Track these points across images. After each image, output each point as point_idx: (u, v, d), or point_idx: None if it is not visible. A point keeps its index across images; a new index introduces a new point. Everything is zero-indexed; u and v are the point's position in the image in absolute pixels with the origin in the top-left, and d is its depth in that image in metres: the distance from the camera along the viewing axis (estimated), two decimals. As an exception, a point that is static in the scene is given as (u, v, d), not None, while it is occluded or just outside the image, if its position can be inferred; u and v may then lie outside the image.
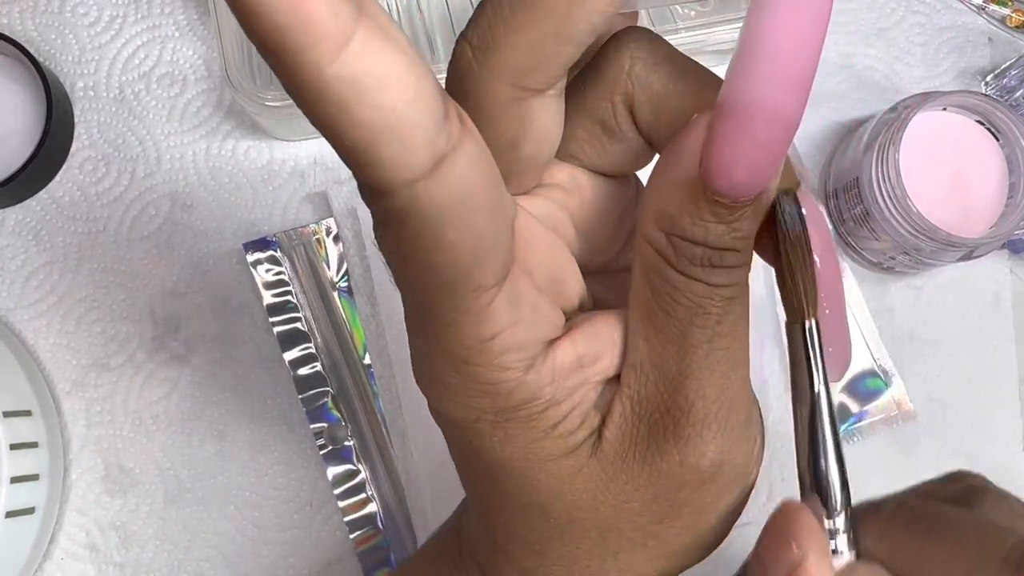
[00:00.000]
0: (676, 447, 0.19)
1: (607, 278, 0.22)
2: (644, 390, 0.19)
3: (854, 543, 0.20)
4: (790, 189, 0.18)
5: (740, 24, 0.45)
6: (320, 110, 0.14)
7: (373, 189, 0.15)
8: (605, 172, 0.21)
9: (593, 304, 0.21)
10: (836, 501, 0.19)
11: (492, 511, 0.21)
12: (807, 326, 0.19)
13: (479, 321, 0.17)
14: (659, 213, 0.18)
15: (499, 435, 0.19)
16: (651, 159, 0.20)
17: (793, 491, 0.20)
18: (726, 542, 0.22)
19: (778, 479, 0.46)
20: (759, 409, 0.21)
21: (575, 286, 0.20)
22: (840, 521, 0.19)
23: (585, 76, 0.19)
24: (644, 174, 0.21)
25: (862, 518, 0.21)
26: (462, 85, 0.17)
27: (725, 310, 0.18)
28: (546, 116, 0.18)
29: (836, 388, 0.48)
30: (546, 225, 0.20)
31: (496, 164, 0.16)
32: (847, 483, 0.19)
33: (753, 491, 0.29)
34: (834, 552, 0.19)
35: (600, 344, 0.19)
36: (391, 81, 0.13)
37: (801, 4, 0.15)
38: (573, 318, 0.20)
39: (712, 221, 0.17)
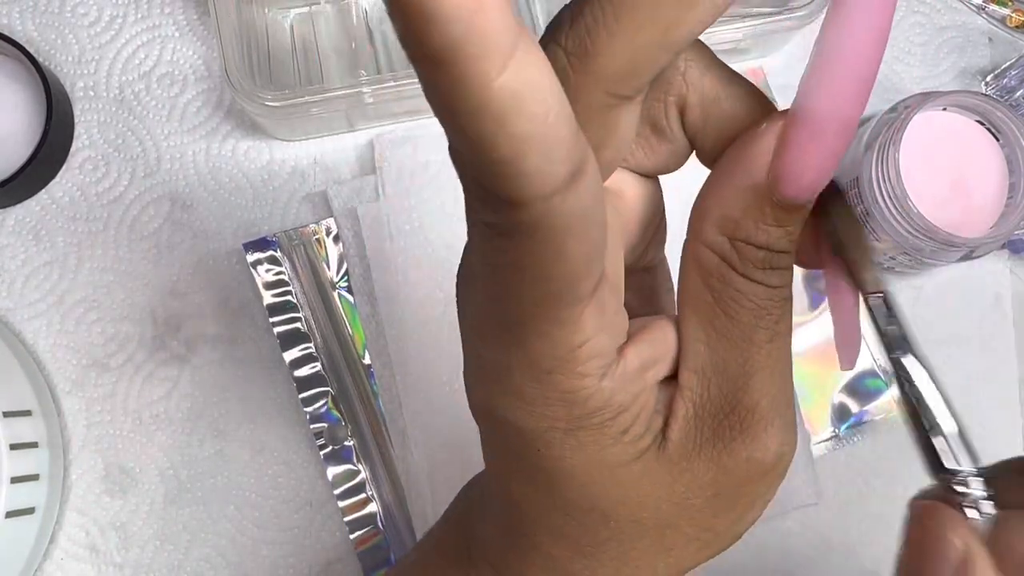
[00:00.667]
0: (744, 444, 0.19)
1: (631, 278, 0.22)
2: (708, 392, 0.19)
3: (996, 502, 0.20)
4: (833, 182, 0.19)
5: (740, 24, 0.45)
6: (477, 123, 0.13)
7: (508, 202, 0.14)
8: (647, 173, 0.21)
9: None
10: (966, 472, 0.20)
11: (538, 515, 0.21)
12: (883, 297, 0.20)
13: (573, 331, 0.17)
14: (723, 218, 0.18)
15: (571, 443, 0.19)
16: (685, 162, 0.21)
17: (794, 489, 0.21)
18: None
19: (778, 479, 0.46)
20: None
21: (623, 287, 0.21)
22: (976, 485, 0.20)
23: None
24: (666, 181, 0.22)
25: (1001, 479, 0.21)
26: None
27: (783, 310, 0.19)
28: (629, 121, 0.18)
29: (836, 388, 0.48)
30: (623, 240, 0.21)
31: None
32: (969, 445, 0.20)
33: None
34: (980, 515, 0.20)
35: (659, 348, 0.20)
36: (545, 91, 0.13)
37: (873, 24, 0.16)
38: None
39: (774, 225, 0.18)
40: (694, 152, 0.20)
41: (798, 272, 0.21)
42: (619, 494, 0.20)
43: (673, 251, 0.24)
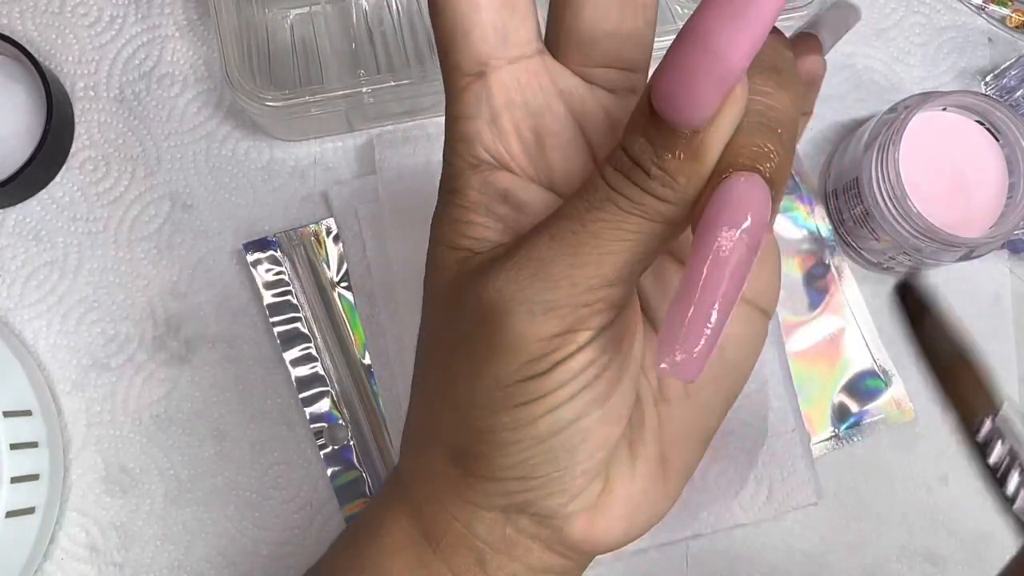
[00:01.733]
0: (483, 274, 0.20)
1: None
2: (515, 240, 0.21)
3: None
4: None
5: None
6: None
7: None
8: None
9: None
10: None
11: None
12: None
13: (452, 100, 0.22)
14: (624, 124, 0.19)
15: (437, 211, 0.23)
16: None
17: (792, 489, 0.20)
18: (725, 545, 0.22)
19: (778, 480, 0.46)
20: (629, 355, 0.22)
21: (557, 163, 0.22)
22: None
23: None
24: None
25: None
26: None
27: (601, 207, 0.19)
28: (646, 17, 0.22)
29: (836, 388, 0.48)
30: (575, 113, 0.22)
31: None
32: None
33: (753, 492, 0.30)
34: None
35: (535, 200, 0.22)
36: None
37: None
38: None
39: (640, 136, 0.18)
40: None
41: (798, 273, 0.21)
42: (430, 271, 0.23)
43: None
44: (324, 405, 0.46)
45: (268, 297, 0.47)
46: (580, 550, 0.23)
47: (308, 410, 0.46)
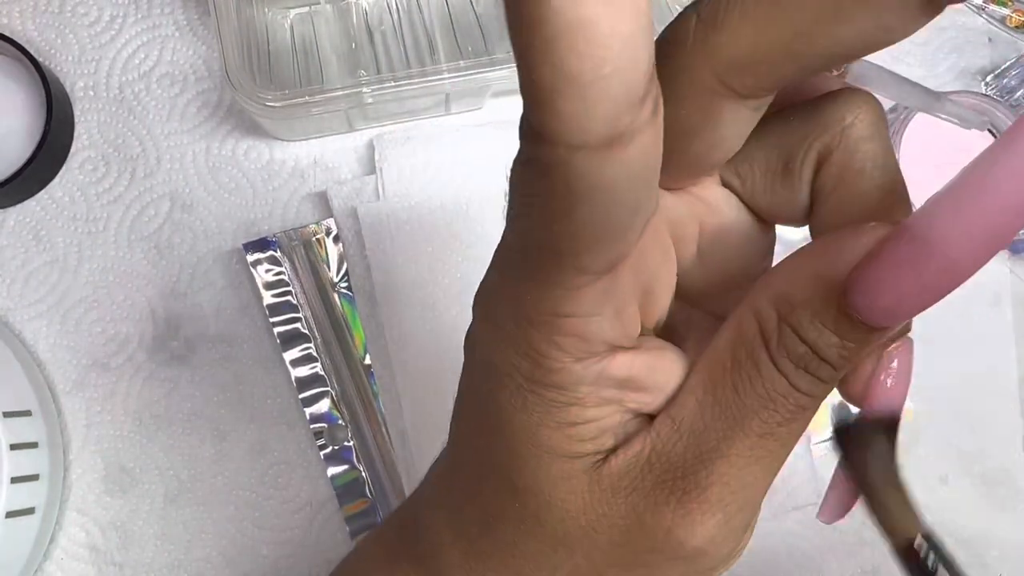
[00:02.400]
0: (672, 514, 0.18)
1: (692, 310, 0.21)
2: (672, 447, 0.18)
3: None
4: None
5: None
6: (527, 36, 0.12)
7: (537, 132, 0.14)
8: (757, 210, 0.20)
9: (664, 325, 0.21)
10: None
11: (467, 458, 0.21)
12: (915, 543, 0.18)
13: (563, 297, 0.16)
14: (782, 294, 0.17)
15: (519, 400, 0.18)
16: (799, 224, 0.20)
17: (792, 489, 0.20)
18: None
19: (778, 480, 0.46)
20: (758, 517, 0.20)
21: (663, 304, 0.20)
22: None
23: (799, 110, 0.19)
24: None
25: None
26: (669, 50, 0.16)
27: (793, 416, 0.17)
28: (732, 125, 0.17)
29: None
30: (671, 231, 0.19)
31: (659, 159, 0.15)
32: None
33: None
34: None
35: (654, 378, 0.18)
36: (614, 39, 0.12)
37: None
38: (647, 340, 0.19)
39: (830, 329, 0.16)
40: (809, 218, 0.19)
41: None
42: (536, 482, 0.19)
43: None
44: (324, 405, 0.46)
45: (268, 297, 0.47)
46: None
47: (308, 410, 0.46)
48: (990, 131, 0.46)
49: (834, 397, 0.19)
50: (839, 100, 0.18)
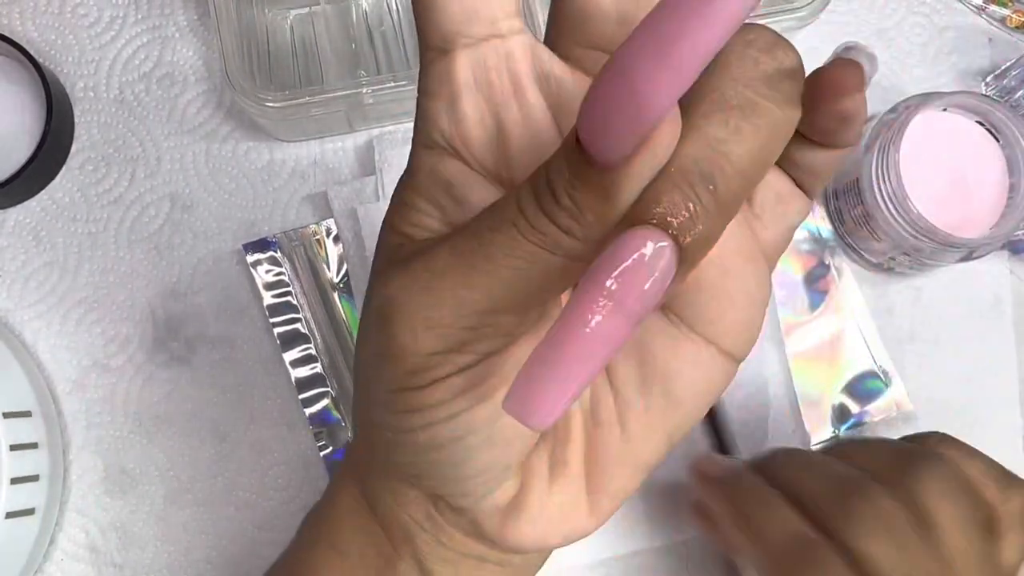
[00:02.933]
0: (388, 270, 0.20)
1: None
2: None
3: None
4: None
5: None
6: None
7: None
8: None
9: None
10: None
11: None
12: None
13: (420, 75, 0.21)
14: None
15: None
16: None
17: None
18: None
19: (778, 479, 0.46)
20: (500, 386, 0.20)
21: (521, 153, 0.21)
22: None
23: None
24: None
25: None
26: None
27: (500, 225, 0.17)
28: None
29: (836, 388, 0.48)
30: (553, 101, 0.20)
31: None
32: None
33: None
34: None
35: (479, 197, 0.20)
36: None
37: (718, 19, 0.13)
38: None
39: (560, 159, 0.16)
40: None
41: (799, 274, 0.21)
42: (376, 253, 0.22)
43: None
44: (324, 406, 0.46)
45: (268, 298, 0.47)
46: (499, 547, 0.22)
47: (308, 411, 0.46)
48: (989, 130, 0.46)
49: (835, 398, 0.19)
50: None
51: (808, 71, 0.19)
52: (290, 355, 0.46)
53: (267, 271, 0.47)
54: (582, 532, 0.22)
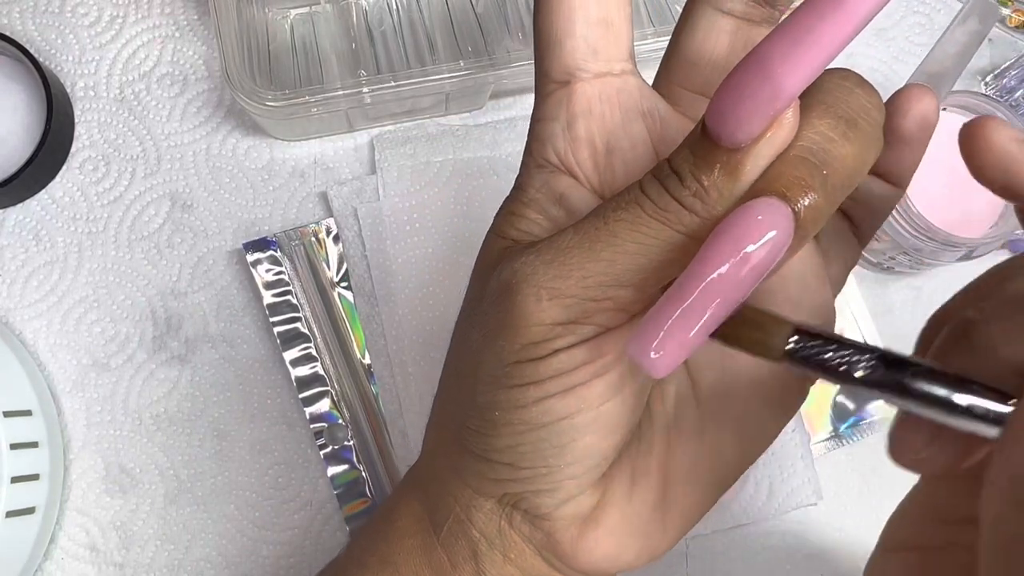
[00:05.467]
0: (511, 259, 0.21)
1: None
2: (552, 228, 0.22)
3: None
4: None
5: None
6: None
7: None
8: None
9: None
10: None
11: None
12: (793, 343, 0.18)
13: (539, 101, 0.23)
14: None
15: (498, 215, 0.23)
16: None
17: (793, 489, 0.20)
18: (725, 545, 0.22)
19: (778, 480, 0.46)
20: (622, 363, 0.21)
21: (613, 178, 0.23)
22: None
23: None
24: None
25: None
26: None
27: (627, 207, 0.19)
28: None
29: (835, 388, 0.48)
30: (645, 137, 0.23)
31: None
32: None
33: (753, 492, 0.29)
34: None
35: (588, 206, 0.22)
36: None
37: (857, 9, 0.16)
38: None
39: (686, 146, 0.18)
40: None
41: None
42: (484, 253, 0.23)
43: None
44: (324, 405, 0.46)
45: (268, 297, 0.47)
46: (569, 564, 0.22)
47: (308, 410, 0.46)
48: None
49: (834, 397, 0.19)
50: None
51: None
52: (290, 354, 0.46)
53: (267, 270, 0.47)
54: (655, 552, 0.23)
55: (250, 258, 0.47)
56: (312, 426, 0.46)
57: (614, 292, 0.19)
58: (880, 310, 0.49)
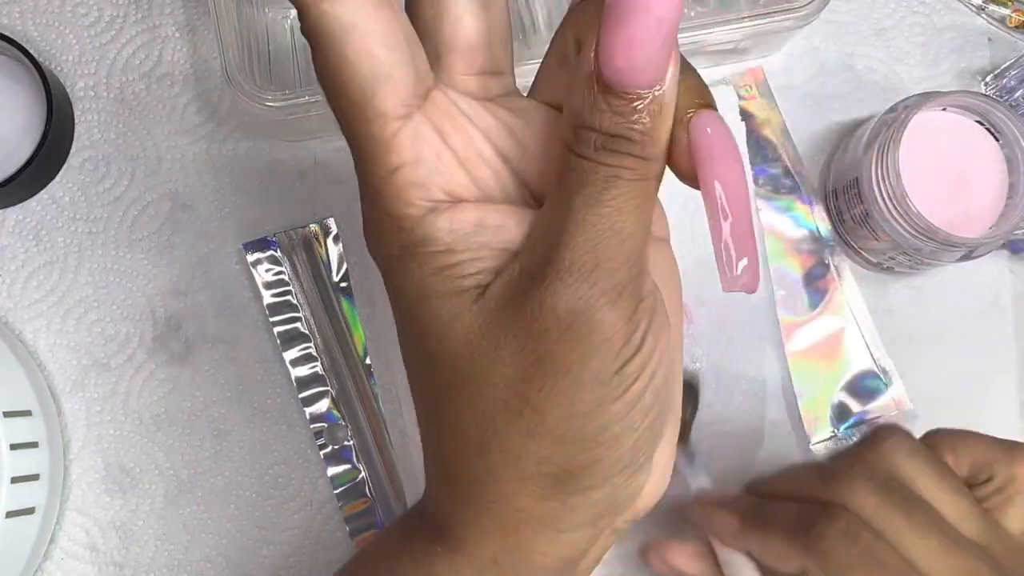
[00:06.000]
0: (538, 291, 0.20)
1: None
2: (531, 254, 0.21)
3: None
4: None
5: (739, 25, 0.45)
6: None
7: (299, 12, 0.19)
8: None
9: None
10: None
11: (404, 352, 0.24)
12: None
13: (384, 151, 0.20)
14: (569, 112, 0.20)
15: (400, 269, 0.21)
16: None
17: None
18: None
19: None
20: (660, 303, 0.22)
21: (490, 179, 0.22)
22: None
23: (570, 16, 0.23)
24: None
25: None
26: None
27: (609, 184, 0.19)
28: (456, 4, 0.22)
29: (835, 388, 0.48)
30: (480, 129, 0.22)
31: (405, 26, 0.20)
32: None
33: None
34: None
35: (503, 216, 0.21)
36: None
37: None
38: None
39: (607, 111, 0.19)
40: None
41: (798, 273, 0.22)
42: (436, 329, 0.21)
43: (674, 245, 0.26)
44: (324, 405, 0.46)
45: (268, 297, 0.47)
46: (635, 519, 0.24)
47: (308, 410, 0.46)
48: (989, 130, 0.46)
49: (834, 397, 0.19)
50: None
51: (808, 71, 0.24)
52: (290, 354, 0.46)
53: (267, 270, 0.47)
54: (670, 470, 0.24)
55: (250, 258, 0.47)
56: (312, 426, 0.46)
57: (644, 256, 0.21)
58: (880, 310, 0.49)
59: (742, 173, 0.20)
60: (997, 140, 0.46)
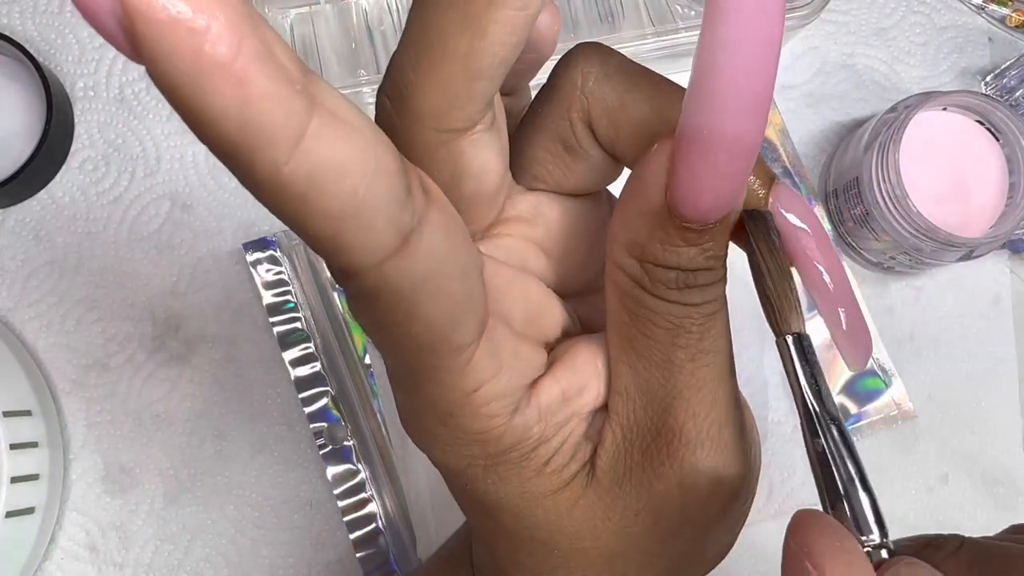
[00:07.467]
0: (672, 469, 0.18)
1: (593, 297, 0.22)
2: (633, 416, 0.19)
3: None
4: (756, 209, 0.19)
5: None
6: (281, 206, 0.13)
7: (343, 272, 0.14)
8: (574, 192, 0.20)
9: (581, 325, 0.21)
10: (868, 522, 0.18)
11: (495, 542, 0.21)
12: (789, 340, 0.19)
13: (461, 377, 0.17)
14: (629, 242, 0.17)
15: (492, 478, 0.19)
16: (619, 173, 0.20)
17: (792, 489, 0.20)
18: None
19: (778, 480, 0.46)
20: (751, 415, 0.21)
21: (556, 316, 0.20)
22: (875, 538, 0.18)
23: (541, 97, 0.20)
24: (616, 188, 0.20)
25: (914, 554, 0.20)
26: (390, 138, 0.16)
27: (705, 327, 0.18)
28: (480, 152, 0.18)
29: (835, 388, 0.48)
30: (513, 263, 0.20)
31: (464, 225, 0.16)
32: (876, 504, 0.18)
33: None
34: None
35: (583, 375, 0.19)
36: (348, 167, 0.13)
37: (753, 33, 0.14)
38: (556, 348, 0.20)
39: (683, 246, 0.17)
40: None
41: (797, 276, 0.21)
42: (552, 524, 0.19)
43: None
44: (324, 405, 0.46)
45: (268, 297, 0.47)
46: None
47: (307, 410, 0.46)
48: (989, 130, 0.46)
49: (834, 397, 0.19)
50: (560, 71, 0.19)
51: (807, 71, 0.21)
52: (289, 354, 0.46)
53: (267, 270, 0.47)
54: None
55: (250, 258, 0.47)
56: (312, 426, 0.46)
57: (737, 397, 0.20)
58: (880, 310, 0.49)
59: (835, 253, 0.19)
60: (997, 140, 0.46)
